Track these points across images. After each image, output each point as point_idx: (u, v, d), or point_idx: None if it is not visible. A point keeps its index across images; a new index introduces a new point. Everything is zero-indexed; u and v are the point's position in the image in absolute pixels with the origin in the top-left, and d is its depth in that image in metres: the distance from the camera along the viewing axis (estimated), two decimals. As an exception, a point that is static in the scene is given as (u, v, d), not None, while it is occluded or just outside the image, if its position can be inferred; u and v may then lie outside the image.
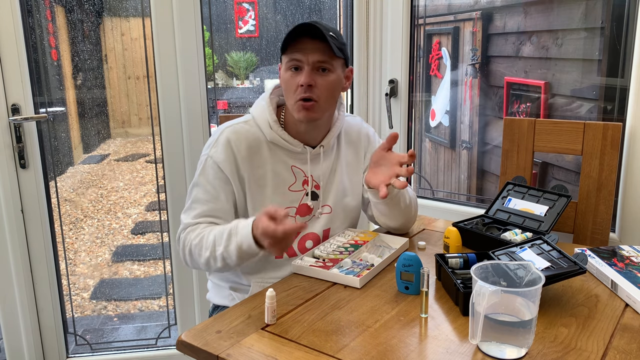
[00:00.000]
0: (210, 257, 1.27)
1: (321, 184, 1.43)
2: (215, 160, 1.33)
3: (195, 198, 1.36)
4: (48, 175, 1.99)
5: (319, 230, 1.44)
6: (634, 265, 1.22)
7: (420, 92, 2.43)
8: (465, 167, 2.49)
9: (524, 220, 1.45)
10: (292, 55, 1.30)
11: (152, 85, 1.95)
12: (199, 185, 1.36)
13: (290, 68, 1.31)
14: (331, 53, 1.28)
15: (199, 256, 1.30)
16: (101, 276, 3.26)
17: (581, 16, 1.88)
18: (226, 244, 1.23)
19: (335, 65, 1.32)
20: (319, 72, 1.30)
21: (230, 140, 1.34)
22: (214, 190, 1.34)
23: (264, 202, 1.37)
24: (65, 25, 2.92)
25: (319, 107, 1.32)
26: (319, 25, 1.27)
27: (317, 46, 1.28)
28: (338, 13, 2.42)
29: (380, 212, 1.47)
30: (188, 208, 1.37)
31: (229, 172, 1.33)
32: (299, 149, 1.38)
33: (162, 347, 2.18)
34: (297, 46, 1.29)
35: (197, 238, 1.30)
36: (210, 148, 1.35)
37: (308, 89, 1.29)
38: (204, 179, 1.35)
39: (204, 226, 1.33)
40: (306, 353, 0.95)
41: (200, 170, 1.36)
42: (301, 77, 1.29)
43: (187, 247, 1.33)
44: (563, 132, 1.63)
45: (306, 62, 1.29)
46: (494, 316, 0.91)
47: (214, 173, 1.34)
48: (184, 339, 1.01)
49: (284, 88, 1.35)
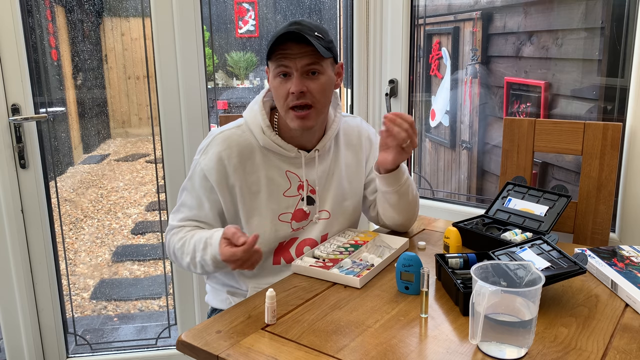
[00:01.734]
0: (191, 263, 1.30)
1: (317, 188, 1.41)
2: (202, 167, 1.32)
3: (183, 202, 1.37)
4: (48, 175, 1.99)
5: (316, 236, 1.42)
6: (634, 265, 1.22)
7: (420, 92, 2.43)
8: (465, 167, 2.49)
9: (524, 221, 1.45)
10: (279, 62, 1.25)
11: (152, 85, 1.95)
12: (187, 190, 1.37)
13: (279, 75, 1.27)
14: (319, 55, 1.25)
15: (181, 260, 1.33)
16: (101, 276, 3.26)
17: (581, 16, 1.88)
18: (202, 254, 1.25)
19: (325, 66, 1.29)
20: (308, 75, 1.26)
21: (220, 149, 1.31)
22: (198, 198, 1.34)
23: (259, 208, 1.35)
24: (65, 25, 2.92)
25: (315, 112, 1.29)
26: (302, 27, 1.24)
27: (303, 50, 1.24)
28: (338, 13, 2.43)
29: (389, 203, 1.44)
30: (176, 210, 1.39)
31: (215, 182, 1.31)
32: (293, 154, 1.36)
33: (162, 347, 2.18)
34: (283, 52, 1.24)
35: (180, 242, 1.32)
36: (201, 154, 1.34)
37: (301, 96, 1.26)
38: (191, 184, 1.35)
39: (187, 229, 1.34)
40: (306, 353, 0.95)
41: (190, 175, 1.36)
42: (291, 83, 1.26)
43: (171, 248, 1.36)
44: (563, 132, 1.63)
45: (294, 68, 1.25)
46: (494, 316, 0.91)
47: (199, 181, 1.33)
48: (184, 339, 1.01)
49: (274, 95, 1.32)
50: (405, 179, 1.41)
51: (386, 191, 1.42)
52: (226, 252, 1.15)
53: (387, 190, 1.42)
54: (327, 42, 1.29)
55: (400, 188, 1.40)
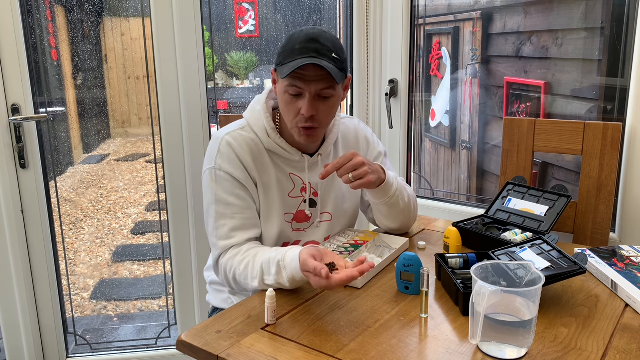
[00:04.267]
0: (259, 287, 1.21)
1: (319, 191, 1.41)
2: (226, 171, 1.29)
3: (220, 215, 1.29)
4: (48, 175, 1.99)
5: (320, 239, 1.43)
6: (634, 265, 1.22)
7: (420, 92, 2.43)
8: (465, 167, 2.49)
9: (524, 220, 1.45)
10: (293, 82, 1.23)
11: (152, 85, 1.95)
12: (220, 201, 1.29)
13: (289, 92, 1.25)
14: (333, 79, 1.22)
15: (246, 284, 1.24)
16: (101, 276, 3.26)
17: (581, 16, 1.88)
18: (276, 278, 1.17)
19: (337, 88, 1.27)
20: (320, 99, 1.25)
21: (234, 147, 1.30)
22: (236, 202, 1.29)
23: (272, 207, 1.35)
24: (65, 25, 2.92)
25: (321, 130, 1.30)
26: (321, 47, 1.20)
27: (319, 73, 1.21)
28: (338, 13, 2.43)
29: (381, 214, 1.46)
30: (215, 228, 1.30)
31: (243, 179, 1.30)
32: (297, 158, 1.36)
33: (162, 347, 2.18)
34: (298, 73, 1.21)
35: (242, 264, 1.24)
36: (215, 159, 1.30)
37: (310, 119, 1.25)
38: (222, 192, 1.30)
39: (246, 249, 1.27)
40: (306, 353, 0.95)
41: (216, 185, 1.30)
42: (302, 103, 1.24)
43: (231, 273, 1.26)
44: (563, 132, 1.63)
45: (308, 91, 1.23)
46: (494, 316, 0.91)
47: (230, 184, 1.29)
48: (184, 339, 1.01)
49: (281, 105, 1.30)
50: (394, 190, 1.39)
51: (376, 203, 1.43)
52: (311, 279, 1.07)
53: (376, 202, 1.42)
54: (342, 62, 1.26)
55: (390, 200, 1.40)
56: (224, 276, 1.29)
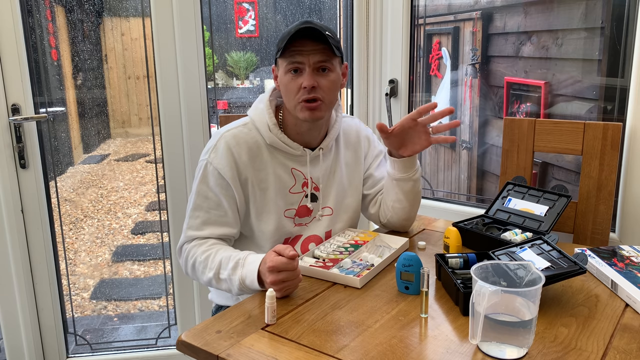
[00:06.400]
0: (213, 279, 1.26)
1: (321, 185, 1.43)
2: (215, 166, 1.32)
3: (197, 205, 1.34)
4: (48, 175, 1.99)
5: (321, 232, 1.45)
6: (634, 265, 1.22)
7: (420, 92, 2.43)
8: (465, 167, 2.49)
9: (524, 220, 1.45)
10: (292, 59, 1.29)
11: (152, 85, 1.95)
12: (200, 193, 1.34)
13: (290, 71, 1.30)
14: (330, 52, 1.29)
15: (202, 274, 1.29)
16: (101, 276, 3.26)
17: (581, 16, 1.88)
18: (230, 273, 1.22)
19: (335, 64, 1.33)
20: (319, 72, 1.30)
21: (230, 145, 1.33)
22: (215, 197, 1.33)
23: (268, 205, 1.37)
24: (65, 25, 2.92)
25: (324, 106, 1.32)
26: (315, 25, 1.26)
27: (316, 47, 1.28)
28: (338, 13, 2.43)
29: (403, 191, 1.45)
30: (190, 217, 1.35)
31: (229, 178, 1.32)
32: (298, 152, 1.39)
33: (162, 347, 2.18)
34: (296, 48, 1.28)
35: (203, 255, 1.29)
36: (210, 153, 1.34)
37: (312, 90, 1.28)
38: (204, 185, 1.33)
39: (212, 242, 1.32)
40: (306, 353, 0.95)
41: (201, 177, 1.34)
42: (302, 78, 1.29)
43: (190, 260, 1.32)
44: (563, 132, 1.63)
45: (307, 64, 1.28)
46: (494, 316, 0.91)
47: (214, 180, 1.32)
48: (184, 339, 1.01)
49: (283, 91, 1.34)
50: (418, 165, 1.45)
51: (400, 178, 1.44)
52: (273, 259, 1.12)
53: (403, 177, 1.44)
54: (337, 42, 1.32)
55: (415, 174, 1.44)
56: (184, 262, 1.35)
